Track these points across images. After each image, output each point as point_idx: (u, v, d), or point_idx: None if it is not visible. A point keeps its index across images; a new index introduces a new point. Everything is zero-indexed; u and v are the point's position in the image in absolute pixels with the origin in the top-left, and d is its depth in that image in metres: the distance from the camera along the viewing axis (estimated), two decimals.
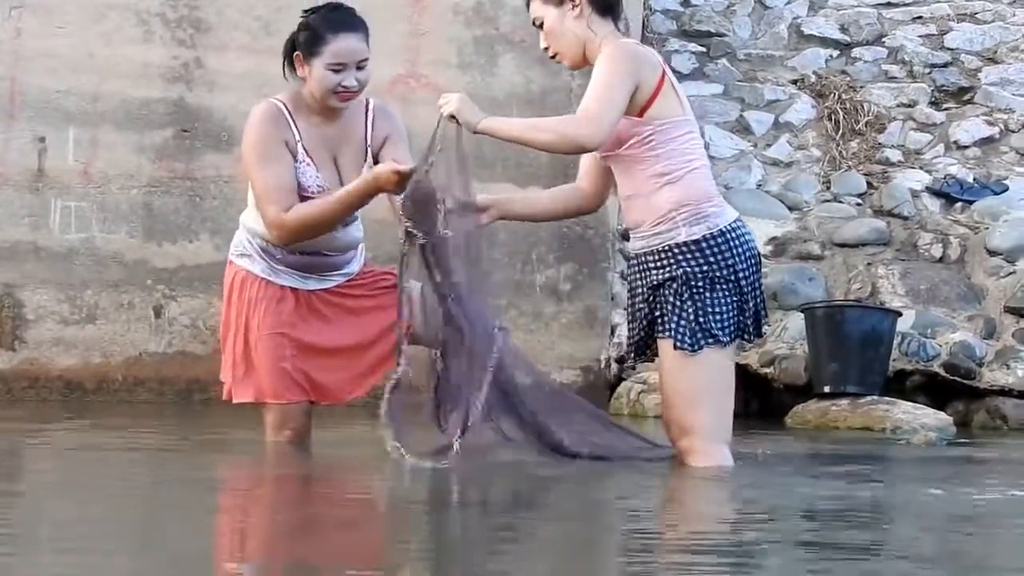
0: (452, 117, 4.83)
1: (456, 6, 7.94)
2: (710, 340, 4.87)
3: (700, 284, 4.87)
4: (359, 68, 5.14)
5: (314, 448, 5.31)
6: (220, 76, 7.74)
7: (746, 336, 4.97)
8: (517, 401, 4.98)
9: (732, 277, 4.89)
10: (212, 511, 4.18)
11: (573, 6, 4.92)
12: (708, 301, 4.87)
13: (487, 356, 4.89)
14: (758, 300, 4.98)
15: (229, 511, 4.21)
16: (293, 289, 5.25)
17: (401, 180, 4.88)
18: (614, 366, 7.79)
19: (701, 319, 4.86)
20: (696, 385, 4.89)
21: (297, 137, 5.17)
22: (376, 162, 5.19)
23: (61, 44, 7.69)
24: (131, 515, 4.02)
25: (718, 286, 4.88)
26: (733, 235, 4.90)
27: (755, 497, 4.50)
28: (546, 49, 5.01)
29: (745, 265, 4.92)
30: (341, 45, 5.11)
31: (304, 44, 5.15)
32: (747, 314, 4.94)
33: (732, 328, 4.91)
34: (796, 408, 7.35)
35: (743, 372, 7.64)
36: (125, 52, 7.72)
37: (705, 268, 4.88)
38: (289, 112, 5.19)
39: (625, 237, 7.94)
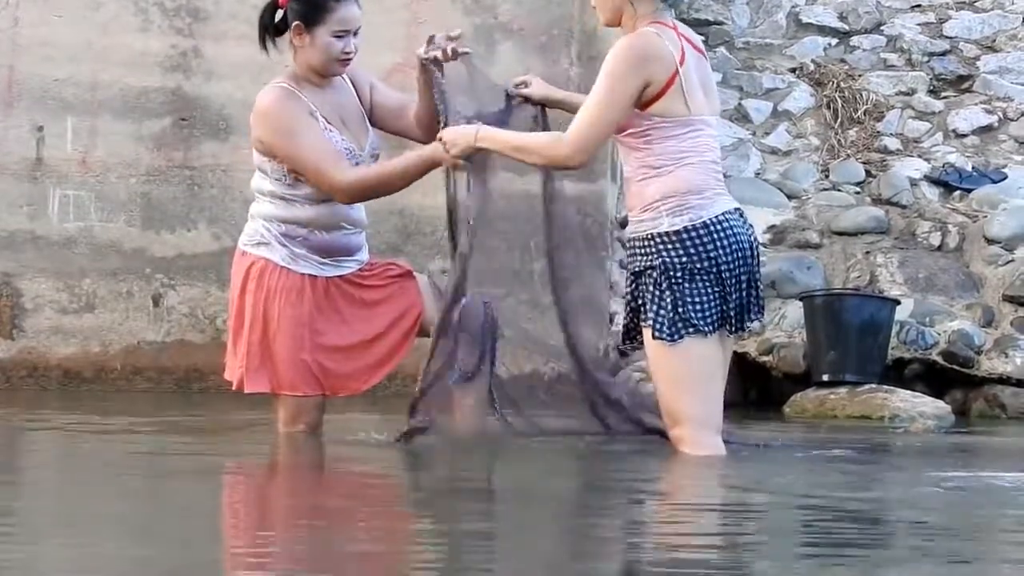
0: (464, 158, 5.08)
1: None
2: (690, 330, 4.88)
3: (678, 275, 4.89)
4: (355, 34, 5.26)
5: (323, 438, 5.32)
6: (218, 65, 7.72)
7: (728, 327, 4.97)
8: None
9: (713, 269, 4.90)
10: (223, 502, 4.19)
11: None
12: (687, 291, 4.88)
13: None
14: (744, 293, 4.97)
15: (242, 502, 4.21)
16: (312, 279, 5.26)
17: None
18: (612, 354, 7.78)
19: (680, 309, 4.87)
20: (679, 374, 4.91)
21: (313, 108, 5.24)
22: (372, 115, 5.39)
23: (59, 33, 7.67)
24: (136, 507, 4.01)
25: (697, 277, 4.89)
26: (717, 227, 4.91)
27: (747, 487, 4.51)
28: None
29: (730, 258, 4.92)
30: (344, 12, 5.23)
31: (305, 14, 5.23)
32: (730, 305, 4.94)
33: (714, 318, 4.91)
34: (794, 397, 7.35)
35: (741, 360, 7.64)
36: (123, 41, 7.71)
37: (684, 259, 4.89)
38: (296, 90, 5.26)
39: (623, 224, 7.94)
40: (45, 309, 7.64)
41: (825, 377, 7.34)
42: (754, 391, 7.77)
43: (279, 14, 5.29)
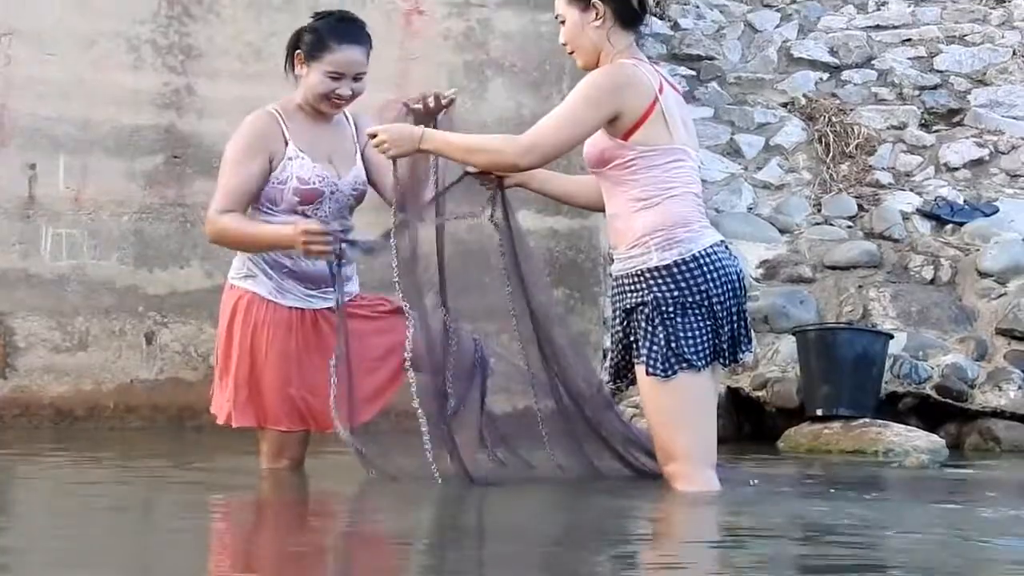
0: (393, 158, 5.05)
1: (447, 31, 7.95)
2: (683, 365, 4.86)
3: (671, 309, 4.87)
4: (355, 79, 5.28)
5: (307, 475, 5.30)
6: (210, 102, 7.74)
7: (722, 360, 4.96)
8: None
9: (705, 302, 4.89)
10: (210, 540, 4.17)
11: (596, 16, 4.96)
12: (680, 326, 4.87)
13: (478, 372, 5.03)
14: (735, 325, 4.96)
15: (227, 540, 4.20)
16: (299, 312, 5.24)
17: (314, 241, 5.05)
18: (605, 391, 7.77)
19: (673, 344, 4.86)
20: (673, 410, 4.89)
21: (287, 138, 5.25)
22: (366, 163, 5.36)
23: (51, 71, 7.68)
24: (126, 546, 4.00)
25: (690, 311, 4.88)
26: (707, 260, 4.90)
27: (742, 522, 4.49)
28: (564, 44, 5.07)
29: (720, 291, 4.91)
30: (341, 56, 5.25)
31: (307, 46, 5.28)
32: (722, 338, 4.93)
33: (707, 352, 4.90)
34: (788, 431, 7.34)
35: (735, 395, 7.64)
36: (116, 78, 7.73)
37: (676, 294, 4.88)
38: (281, 117, 5.29)
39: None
40: (38, 347, 7.63)
41: (819, 411, 7.34)
42: (748, 426, 7.76)
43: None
